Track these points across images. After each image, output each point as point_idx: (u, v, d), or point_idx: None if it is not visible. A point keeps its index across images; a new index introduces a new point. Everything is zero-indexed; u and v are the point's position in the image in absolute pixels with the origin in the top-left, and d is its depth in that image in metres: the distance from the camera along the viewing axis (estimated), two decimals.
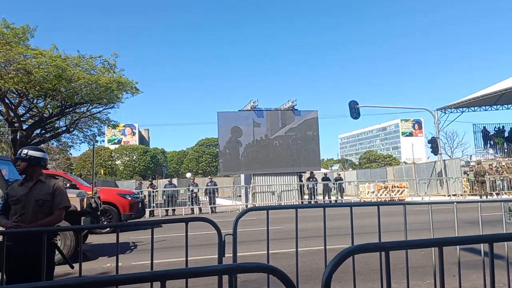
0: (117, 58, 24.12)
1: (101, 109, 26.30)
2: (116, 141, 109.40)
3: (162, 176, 64.18)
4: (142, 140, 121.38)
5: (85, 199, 8.46)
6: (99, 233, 12.69)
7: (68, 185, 11.27)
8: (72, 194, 8.37)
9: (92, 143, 13.45)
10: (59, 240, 7.83)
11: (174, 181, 36.03)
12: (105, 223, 12.90)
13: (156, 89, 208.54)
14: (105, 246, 10.50)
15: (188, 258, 3.76)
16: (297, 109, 24.71)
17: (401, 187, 24.18)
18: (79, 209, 8.19)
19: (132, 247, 9.99)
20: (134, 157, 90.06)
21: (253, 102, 24.26)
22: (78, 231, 8.16)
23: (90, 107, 25.73)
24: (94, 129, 28.68)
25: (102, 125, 28.69)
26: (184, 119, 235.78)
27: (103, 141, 45.21)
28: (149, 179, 26.76)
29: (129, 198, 14.43)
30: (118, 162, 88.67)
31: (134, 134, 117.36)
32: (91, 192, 9.26)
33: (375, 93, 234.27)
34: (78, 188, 10.93)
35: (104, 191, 13.71)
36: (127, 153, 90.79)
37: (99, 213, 9.40)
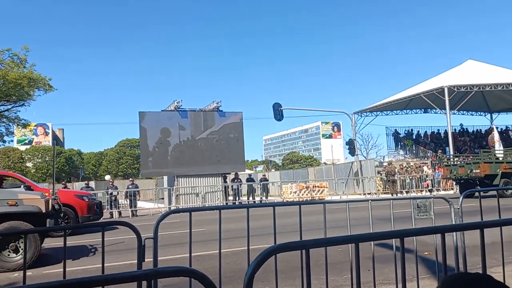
0: (28, 52, 22.54)
1: (9, 106, 24.37)
2: (27, 141, 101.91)
3: (79, 179, 60.96)
4: (56, 140, 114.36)
5: (50, 201, 8.21)
6: (56, 236, 11.70)
7: (22, 186, 10.44)
8: (36, 196, 8.36)
9: (54, 143, 12.51)
10: (21, 242, 7.50)
11: (92, 183, 34.34)
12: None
13: (72, 86, 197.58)
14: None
15: (105, 265, 3.57)
16: (221, 110, 24.73)
17: (321, 187, 25.14)
18: (44, 211, 7.94)
19: (93, 250, 9.33)
20: (47, 158, 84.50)
21: (177, 103, 23.87)
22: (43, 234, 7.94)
23: None
24: (1, 128, 26.51)
25: (10, 124, 26.58)
26: (103, 118, 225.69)
27: (12, 141, 41.94)
28: (63, 182, 25.27)
29: (87, 200, 13.80)
30: (29, 164, 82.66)
31: (47, 134, 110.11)
32: (48, 194, 8.86)
33: (298, 96, 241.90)
34: (33, 190, 10.29)
35: (62, 193, 13.13)
36: (39, 154, 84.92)
37: (61, 215, 9.11)
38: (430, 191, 25.69)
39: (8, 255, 7.55)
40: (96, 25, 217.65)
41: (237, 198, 24.46)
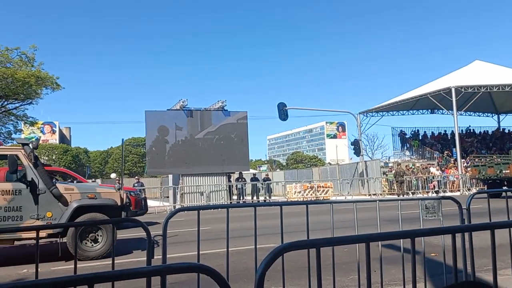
0: (36, 51, 22.69)
1: (17, 105, 24.55)
2: (34, 139, 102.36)
3: (85, 177, 61.21)
4: (63, 138, 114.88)
5: (124, 194, 8.78)
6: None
7: (75, 182, 10.89)
8: (112, 190, 9.02)
9: (122, 140, 12.65)
10: (101, 235, 8.12)
11: (98, 181, 34.48)
12: None
13: (79, 85, 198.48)
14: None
15: (115, 261, 3.60)
16: (226, 110, 24.72)
17: (326, 187, 25.10)
18: (119, 203, 8.48)
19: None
20: (54, 156, 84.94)
21: (182, 102, 23.91)
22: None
23: (5, 103, 23.92)
24: (9, 126, 26.71)
25: (18, 121, 26.77)
26: (109, 117, 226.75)
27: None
28: (69, 180, 25.37)
29: (134, 196, 14.09)
30: None
31: (54, 132, 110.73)
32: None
33: (302, 96, 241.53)
34: None
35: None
36: (46, 152, 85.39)
37: (131, 208, 9.67)
38: (437, 192, 25.57)
39: (87, 244, 8.10)
40: (104, 22, 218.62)
41: (241, 198, 24.48)
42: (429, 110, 39.85)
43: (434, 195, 24.85)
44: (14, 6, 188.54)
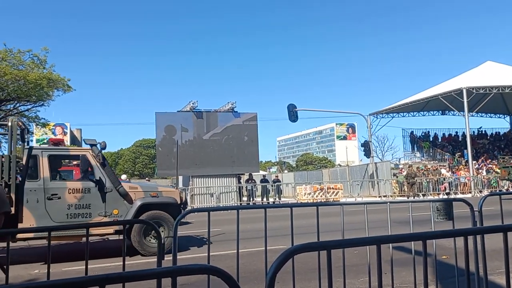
0: (48, 53, 22.94)
1: (29, 106, 24.82)
2: (45, 141, 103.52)
3: None
4: (74, 140, 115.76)
5: (182, 193, 9.46)
6: None
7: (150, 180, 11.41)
8: (172, 188, 9.71)
9: (177, 142, 12.87)
10: (162, 231, 8.35)
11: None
12: None
13: (90, 87, 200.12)
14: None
15: (125, 263, 3.62)
16: (236, 111, 24.75)
17: (336, 189, 25.01)
18: (178, 201, 8.97)
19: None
20: None
21: (193, 103, 23.98)
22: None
23: (18, 105, 24.21)
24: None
25: (30, 123, 27.09)
26: (120, 119, 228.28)
27: (31, 140, 42.65)
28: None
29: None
30: None
31: (65, 134, 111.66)
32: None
33: (312, 97, 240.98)
34: None
35: None
36: None
37: (187, 206, 10.03)
38: (448, 194, 25.34)
39: (150, 240, 8.45)
40: (116, 24, 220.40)
41: (251, 199, 24.48)
42: (440, 111, 39.49)
43: (445, 197, 24.64)
44: (27, 10, 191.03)
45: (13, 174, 7.60)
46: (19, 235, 7.44)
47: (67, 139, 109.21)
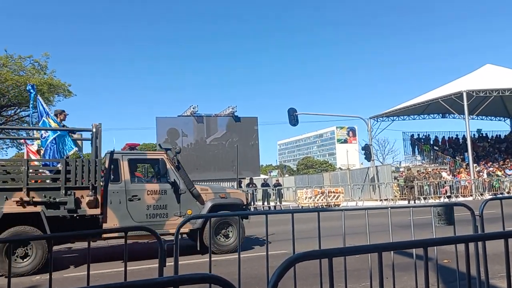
0: (48, 59, 23.03)
1: (30, 112, 24.81)
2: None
3: None
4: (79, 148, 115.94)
5: (248, 194, 10.14)
6: None
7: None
8: (238, 190, 10.73)
9: (236, 146, 13.13)
10: (230, 230, 8.98)
11: None
12: None
13: (90, 92, 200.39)
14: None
15: (123, 269, 3.62)
16: (237, 115, 24.79)
17: (337, 192, 24.96)
18: (245, 202, 9.47)
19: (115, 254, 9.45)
20: None
21: (193, 108, 24.05)
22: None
23: (18, 110, 24.23)
24: (22, 133, 27.01)
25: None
26: (121, 123, 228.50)
27: (32, 145, 42.59)
28: None
29: None
30: None
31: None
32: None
33: (313, 101, 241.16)
34: None
35: None
36: None
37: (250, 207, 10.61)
38: (449, 197, 25.31)
39: (220, 239, 8.84)
40: (115, 28, 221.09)
41: (252, 203, 24.44)
42: (440, 115, 39.49)
43: (446, 200, 24.59)
44: (26, 15, 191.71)
45: (99, 177, 8.00)
46: (105, 235, 7.82)
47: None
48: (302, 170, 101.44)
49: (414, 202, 23.26)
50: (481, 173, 29.86)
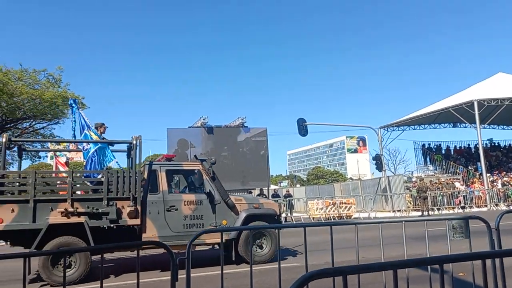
0: (62, 72, 23.34)
1: (45, 124, 25.17)
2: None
3: None
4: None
5: (281, 205, 9.95)
6: None
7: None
8: (270, 200, 10.62)
9: (267, 156, 13.50)
10: (264, 240, 9.06)
11: None
12: None
13: (102, 102, 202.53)
14: None
15: (142, 280, 3.62)
16: (246, 126, 24.80)
17: (348, 203, 24.74)
18: (278, 213, 9.61)
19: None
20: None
21: (203, 119, 24.10)
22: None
23: (33, 123, 24.59)
24: (36, 145, 27.33)
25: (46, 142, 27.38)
26: (130, 134, 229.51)
27: (46, 157, 43.20)
28: None
29: None
30: None
31: (79, 150, 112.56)
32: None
33: (322, 110, 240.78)
34: None
35: None
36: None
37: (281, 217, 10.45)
38: (463, 208, 24.95)
39: (256, 250, 8.97)
40: (125, 40, 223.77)
41: None
42: (452, 124, 39.15)
43: (460, 210, 24.26)
44: (42, 29, 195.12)
45: (139, 187, 8.16)
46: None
47: (81, 155, 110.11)
48: (313, 181, 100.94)
49: (428, 213, 22.98)
50: (495, 183, 29.45)
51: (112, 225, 8.08)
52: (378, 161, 29.74)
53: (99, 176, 8.51)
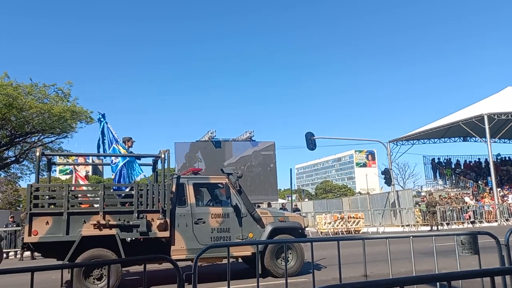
0: (71, 86, 23.56)
1: (53, 138, 25.34)
2: (68, 171, 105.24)
3: None
4: (96, 170, 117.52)
5: (306, 219, 9.83)
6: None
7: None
8: (296, 214, 10.72)
9: (290, 171, 13.62)
10: (290, 253, 8.94)
11: None
12: None
13: (112, 118, 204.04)
14: None
15: None
16: (254, 140, 24.84)
17: (356, 218, 24.52)
18: (303, 226, 9.58)
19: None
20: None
21: (211, 133, 24.21)
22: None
23: (42, 137, 24.77)
24: (44, 159, 27.52)
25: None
26: (139, 149, 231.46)
27: (55, 171, 43.55)
28: None
29: None
30: None
31: (87, 163, 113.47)
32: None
33: (331, 123, 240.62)
34: None
35: None
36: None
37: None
38: (473, 223, 24.63)
39: (281, 262, 8.80)
40: (132, 51, 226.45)
41: None
42: (462, 138, 38.86)
43: (470, 226, 23.94)
44: (52, 42, 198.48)
45: (168, 200, 8.29)
46: (173, 256, 7.97)
47: (89, 169, 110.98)
48: (321, 195, 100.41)
49: (437, 228, 22.71)
50: (505, 198, 29.07)
51: (142, 237, 8.19)
52: (387, 175, 29.55)
53: (127, 189, 8.71)
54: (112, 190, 9.04)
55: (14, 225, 18.77)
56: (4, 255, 15.82)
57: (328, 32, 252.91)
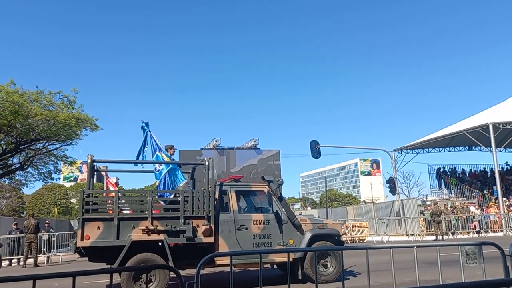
0: (77, 94, 23.69)
1: (58, 145, 25.41)
2: (72, 178, 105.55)
3: None
4: (100, 177, 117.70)
5: (343, 225, 10.09)
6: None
7: None
8: (333, 221, 10.97)
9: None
10: (328, 261, 9.11)
11: None
12: None
13: (117, 125, 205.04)
14: None
15: None
16: (259, 148, 24.83)
17: (361, 227, 24.43)
18: (341, 233, 9.81)
19: None
20: None
21: (216, 141, 24.24)
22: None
23: (47, 144, 24.85)
24: (50, 166, 27.61)
25: (58, 162, 27.65)
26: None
27: (59, 178, 43.58)
28: None
29: None
30: (73, 200, 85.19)
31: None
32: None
33: (335, 132, 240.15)
34: None
35: None
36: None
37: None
38: (478, 232, 24.43)
39: (319, 269, 8.94)
40: (137, 60, 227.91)
41: None
42: (467, 147, 38.72)
43: (476, 235, 23.75)
44: (56, 51, 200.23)
45: (212, 207, 8.52)
46: (218, 262, 8.36)
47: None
48: (325, 203, 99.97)
49: (442, 238, 22.54)
50: (511, 208, 28.86)
51: (188, 243, 8.41)
52: (391, 184, 29.43)
53: (171, 196, 9.05)
54: (157, 196, 9.22)
55: (18, 232, 18.65)
56: (4, 264, 15.69)
57: (333, 43, 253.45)
